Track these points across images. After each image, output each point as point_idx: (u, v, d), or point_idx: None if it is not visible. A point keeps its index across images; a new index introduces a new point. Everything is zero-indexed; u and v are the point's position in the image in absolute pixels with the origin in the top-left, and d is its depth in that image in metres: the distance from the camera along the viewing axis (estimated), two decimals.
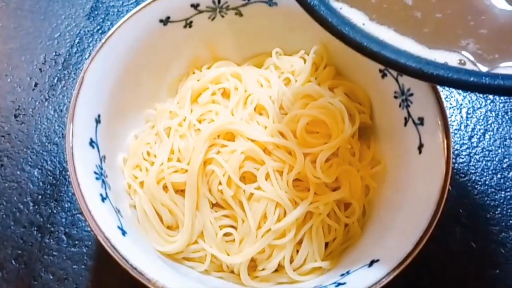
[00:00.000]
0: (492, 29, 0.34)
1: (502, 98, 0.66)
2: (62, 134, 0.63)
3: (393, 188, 0.51)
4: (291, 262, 0.49)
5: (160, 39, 0.55)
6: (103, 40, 0.51)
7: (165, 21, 0.55)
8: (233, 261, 0.49)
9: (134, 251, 0.44)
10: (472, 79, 0.31)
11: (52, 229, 0.58)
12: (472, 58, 0.33)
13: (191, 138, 0.52)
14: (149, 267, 0.43)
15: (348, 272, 0.45)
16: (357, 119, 0.53)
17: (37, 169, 0.61)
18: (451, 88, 0.67)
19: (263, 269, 0.50)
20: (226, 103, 0.54)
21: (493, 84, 0.30)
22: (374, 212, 0.52)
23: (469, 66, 0.32)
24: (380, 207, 0.52)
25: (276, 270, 0.50)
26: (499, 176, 0.61)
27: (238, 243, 0.49)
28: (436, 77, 0.31)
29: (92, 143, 0.48)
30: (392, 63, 0.32)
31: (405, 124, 0.50)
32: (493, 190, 0.61)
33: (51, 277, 0.56)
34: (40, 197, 0.60)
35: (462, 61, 0.32)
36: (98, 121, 0.50)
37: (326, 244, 0.51)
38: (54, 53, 0.69)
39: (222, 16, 0.57)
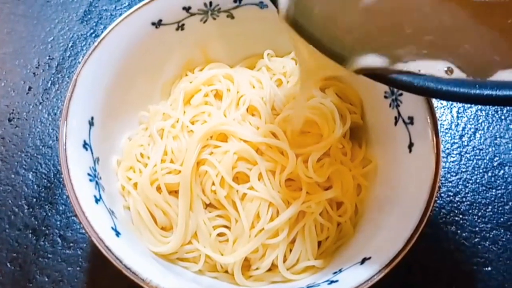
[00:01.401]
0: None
1: None
2: (56, 137, 0.64)
3: (385, 186, 0.51)
4: (284, 261, 0.50)
5: (152, 41, 0.56)
6: (95, 43, 0.51)
7: (158, 24, 0.55)
8: (227, 261, 0.49)
9: (128, 252, 0.44)
10: (452, 88, 0.31)
11: (47, 231, 0.58)
12: (459, 65, 0.33)
13: (184, 139, 0.53)
14: (143, 267, 0.43)
15: (340, 270, 0.46)
16: (348, 119, 0.54)
17: (31, 172, 0.62)
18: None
19: (256, 269, 0.50)
20: (218, 105, 0.55)
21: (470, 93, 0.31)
22: (366, 211, 0.53)
23: (457, 75, 0.32)
24: (371, 206, 0.52)
25: (269, 269, 0.50)
26: (489, 174, 0.62)
27: (232, 243, 0.50)
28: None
29: (85, 145, 0.49)
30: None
31: (395, 124, 0.51)
32: (484, 188, 0.61)
33: (46, 279, 0.56)
34: (34, 200, 0.60)
35: (450, 69, 0.33)
36: (91, 123, 0.50)
37: (319, 243, 0.52)
38: (47, 57, 0.70)
39: (214, 19, 0.58)
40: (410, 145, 0.48)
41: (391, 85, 0.35)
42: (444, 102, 0.66)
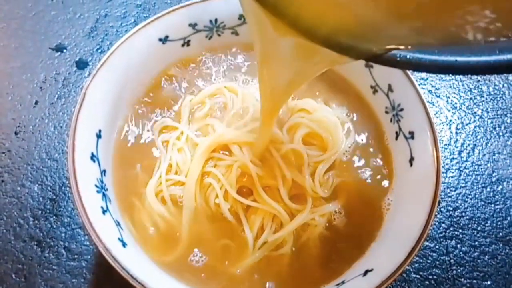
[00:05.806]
0: None
1: (490, 114, 0.68)
2: (62, 151, 0.64)
3: (387, 200, 0.52)
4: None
5: (159, 57, 0.57)
6: (105, 57, 0.52)
7: (164, 39, 0.56)
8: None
9: (135, 262, 0.45)
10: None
11: (52, 243, 0.59)
12: None
13: (189, 151, 0.54)
14: (149, 277, 0.43)
15: (343, 282, 0.46)
16: (352, 132, 0.55)
17: (37, 185, 0.62)
18: (440, 105, 0.69)
19: None
20: (223, 117, 0.56)
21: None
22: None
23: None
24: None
25: None
26: (488, 189, 0.63)
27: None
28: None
29: (93, 157, 0.50)
30: None
31: (396, 138, 0.52)
32: (483, 203, 0.62)
33: None
34: (40, 212, 0.61)
35: None
36: (99, 136, 0.51)
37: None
38: (54, 72, 0.71)
39: (219, 35, 0.59)
40: (411, 159, 0.50)
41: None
42: (443, 118, 0.68)
